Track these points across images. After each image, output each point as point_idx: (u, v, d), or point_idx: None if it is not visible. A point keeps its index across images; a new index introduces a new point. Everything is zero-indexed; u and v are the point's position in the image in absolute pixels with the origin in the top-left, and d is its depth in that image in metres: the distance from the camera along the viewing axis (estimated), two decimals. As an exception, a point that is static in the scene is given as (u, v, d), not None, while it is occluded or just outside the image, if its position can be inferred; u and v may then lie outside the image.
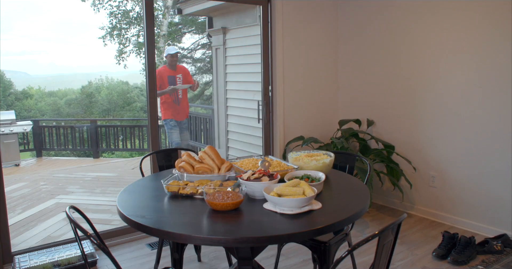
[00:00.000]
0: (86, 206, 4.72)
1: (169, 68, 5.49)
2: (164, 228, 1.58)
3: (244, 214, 1.72)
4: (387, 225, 1.44)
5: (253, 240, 1.50)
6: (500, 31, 3.15)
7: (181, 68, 5.66)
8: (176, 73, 5.51)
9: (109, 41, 12.61)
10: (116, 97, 15.34)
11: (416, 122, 3.82)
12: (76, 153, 10.19)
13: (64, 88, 18.88)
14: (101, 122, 12.28)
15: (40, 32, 21.34)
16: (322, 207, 1.75)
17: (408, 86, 3.85)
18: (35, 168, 7.64)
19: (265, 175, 1.92)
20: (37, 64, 24.01)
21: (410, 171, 3.86)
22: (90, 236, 1.47)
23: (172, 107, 5.56)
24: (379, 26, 4.03)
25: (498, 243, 3.03)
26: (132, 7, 12.54)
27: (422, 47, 3.68)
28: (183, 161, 2.17)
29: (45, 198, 5.18)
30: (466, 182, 3.50)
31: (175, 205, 1.86)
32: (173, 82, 5.44)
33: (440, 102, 3.61)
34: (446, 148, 3.61)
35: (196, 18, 12.70)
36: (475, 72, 3.33)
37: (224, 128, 6.25)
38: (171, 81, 5.43)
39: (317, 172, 2.09)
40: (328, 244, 2.06)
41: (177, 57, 5.49)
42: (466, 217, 3.53)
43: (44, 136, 9.08)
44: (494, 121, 3.26)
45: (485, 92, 3.29)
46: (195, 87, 5.63)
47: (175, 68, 5.52)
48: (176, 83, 5.43)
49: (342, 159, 2.67)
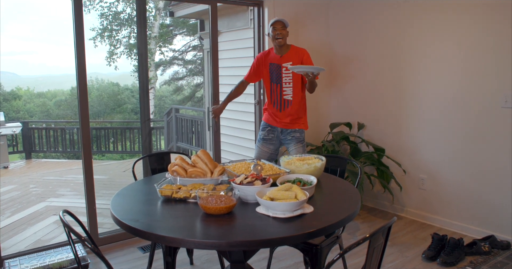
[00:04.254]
0: (77, 209, 4.69)
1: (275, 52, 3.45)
2: (157, 232, 1.59)
3: (237, 218, 1.73)
4: (377, 229, 1.47)
5: (246, 244, 1.52)
6: (487, 37, 3.21)
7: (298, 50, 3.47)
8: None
9: (100, 43, 12.54)
10: (106, 99, 15.25)
11: (406, 126, 3.87)
12: (66, 155, 10.11)
13: (54, 89, 18.70)
14: (92, 124, 12.20)
15: (30, 32, 21.12)
16: (314, 210, 1.78)
17: (398, 90, 3.90)
18: (24, 170, 7.57)
19: (258, 179, 1.95)
20: (27, 64, 23.75)
21: (400, 174, 3.91)
22: (84, 240, 1.48)
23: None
24: (370, 31, 4.07)
25: (485, 244, 3.09)
26: (123, 9, 12.49)
27: (412, 52, 3.74)
28: (176, 165, 2.18)
29: (35, 201, 5.14)
30: (454, 185, 3.56)
31: (168, 209, 1.87)
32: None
33: (430, 106, 3.66)
34: (436, 151, 3.66)
35: (187, 20, 12.70)
36: (464, 76, 3.39)
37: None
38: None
39: (309, 176, 2.12)
40: (319, 247, 2.09)
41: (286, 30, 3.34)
42: (455, 219, 3.59)
43: (34, 138, 9.00)
44: (483, 125, 3.32)
45: (474, 96, 3.35)
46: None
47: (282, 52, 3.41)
48: (282, 74, 3.41)
49: (334, 163, 2.70)
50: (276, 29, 3.26)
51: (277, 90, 3.42)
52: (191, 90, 14.68)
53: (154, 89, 13.12)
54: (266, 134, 3.50)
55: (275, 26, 3.28)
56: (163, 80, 14.72)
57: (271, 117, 3.47)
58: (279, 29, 3.26)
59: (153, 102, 12.84)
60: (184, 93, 14.83)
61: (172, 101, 14.95)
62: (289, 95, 3.38)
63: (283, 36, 3.29)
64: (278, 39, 3.27)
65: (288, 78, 3.35)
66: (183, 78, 14.54)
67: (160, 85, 15.17)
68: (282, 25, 3.28)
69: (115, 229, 3.46)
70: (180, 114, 8.74)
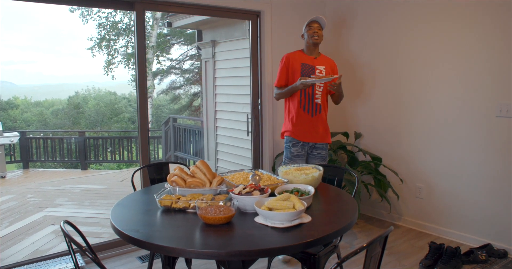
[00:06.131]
0: (75, 219, 4.70)
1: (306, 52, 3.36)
2: (157, 242, 1.61)
3: (236, 228, 1.75)
4: (374, 238, 1.50)
5: (245, 253, 1.54)
6: (482, 48, 3.27)
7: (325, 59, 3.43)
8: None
9: (98, 52, 12.59)
10: (103, 108, 15.26)
11: (403, 135, 3.91)
12: (63, 165, 10.11)
13: (51, 98, 18.71)
14: (89, 134, 12.20)
15: (28, 42, 21.18)
16: (311, 220, 1.80)
17: (395, 100, 3.95)
18: (22, 180, 7.56)
19: (256, 189, 1.97)
20: (24, 74, 23.78)
21: (397, 183, 3.94)
22: (85, 250, 1.49)
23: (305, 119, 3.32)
24: (367, 41, 4.13)
25: (482, 252, 3.11)
26: (121, 19, 12.57)
27: (409, 62, 3.79)
28: (175, 175, 2.20)
29: (33, 210, 5.14)
30: (451, 193, 3.58)
31: (168, 219, 1.89)
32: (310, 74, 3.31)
33: (426, 116, 3.70)
34: (432, 160, 3.69)
35: (184, 30, 12.78)
36: (459, 86, 3.44)
37: (214, 140, 6.28)
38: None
39: (307, 186, 2.14)
40: (317, 256, 2.10)
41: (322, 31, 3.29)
42: (452, 228, 3.61)
43: (31, 147, 8.99)
44: (478, 134, 3.36)
45: (469, 106, 3.39)
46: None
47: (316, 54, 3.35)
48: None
49: (331, 172, 2.72)
50: (313, 28, 3.22)
51: (308, 93, 3.24)
52: (189, 99, 14.73)
53: (151, 98, 13.17)
54: (299, 150, 3.29)
55: (311, 25, 3.23)
56: (160, 89, 14.77)
57: (302, 131, 3.27)
58: (315, 28, 3.22)
59: (151, 112, 12.87)
60: (181, 102, 14.88)
61: (170, 111, 14.98)
62: (319, 99, 3.28)
63: (319, 35, 3.24)
64: (315, 37, 3.21)
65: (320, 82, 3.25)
66: (181, 88, 14.59)
67: (158, 95, 15.22)
68: (318, 25, 3.23)
69: (114, 238, 3.46)
70: (177, 123, 8.78)
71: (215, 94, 6.21)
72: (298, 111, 3.26)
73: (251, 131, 4.14)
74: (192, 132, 8.12)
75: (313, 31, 3.23)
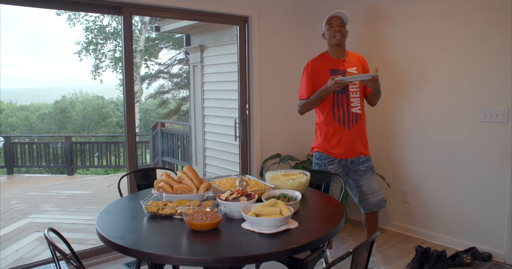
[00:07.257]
0: (60, 225, 4.63)
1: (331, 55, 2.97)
2: (143, 249, 1.60)
3: (223, 234, 1.75)
4: (360, 243, 1.50)
5: (232, 260, 1.53)
6: (466, 54, 3.32)
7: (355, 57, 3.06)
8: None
9: (85, 56, 12.49)
10: (91, 112, 15.12)
11: (391, 141, 3.95)
12: (49, 170, 9.97)
13: (37, 102, 18.49)
14: (76, 138, 12.07)
15: (11, 45, 20.95)
16: (298, 226, 1.81)
17: (383, 104, 3.98)
18: (6, 186, 7.43)
19: (243, 194, 1.97)
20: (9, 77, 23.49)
21: (385, 187, 3.97)
22: (70, 258, 1.47)
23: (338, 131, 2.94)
24: (355, 45, 4.16)
25: (468, 256, 3.15)
26: (109, 22, 12.50)
27: (394, 67, 3.83)
28: (162, 181, 2.19)
29: (17, 217, 5.05)
30: (437, 198, 3.62)
31: (154, 226, 1.88)
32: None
33: (414, 122, 3.74)
34: (419, 165, 3.73)
35: (173, 34, 12.76)
36: (444, 92, 3.49)
37: (202, 145, 6.27)
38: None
39: (294, 191, 2.15)
40: (305, 262, 2.11)
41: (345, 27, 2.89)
42: (437, 231, 3.65)
43: (16, 153, 8.86)
44: (463, 138, 3.40)
45: (454, 111, 3.44)
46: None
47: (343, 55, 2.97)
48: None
49: (318, 177, 2.73)
50: (333, 26, 2.80)
51: (343, 102, 2.80)
52: (177, 103, 14.68)
53: (139, 102, 13.09)
54: (336, 168, 2.89)
55: (331, 23, 2.81)
56: (148, 93, 14.70)
57: (338, 147, 2.85)
58: (336, 26, 2.79)
59: (139, 116, 12.79)
60: (170, 106, 14.82)
61: (158, 115, 14.92)
62: (357, 107, 2.84)
63: (342, 34, 2.80)
64: (336, 36, 2.78)
65: (355, 87, 2.82)
66: (169, 92, 14.54)
67: (146, 99, 15.14)
68: (340, 21, 2.80)
69: (100, 245, 3.42)
70: (165, 128, 8.73)
71: (203, 99, 6.20)
72: (333, 125, 2.85)
73: (239, 136, 4.14)
74: (180, 137, 8.09)
75: (334, 30, 2.80)
